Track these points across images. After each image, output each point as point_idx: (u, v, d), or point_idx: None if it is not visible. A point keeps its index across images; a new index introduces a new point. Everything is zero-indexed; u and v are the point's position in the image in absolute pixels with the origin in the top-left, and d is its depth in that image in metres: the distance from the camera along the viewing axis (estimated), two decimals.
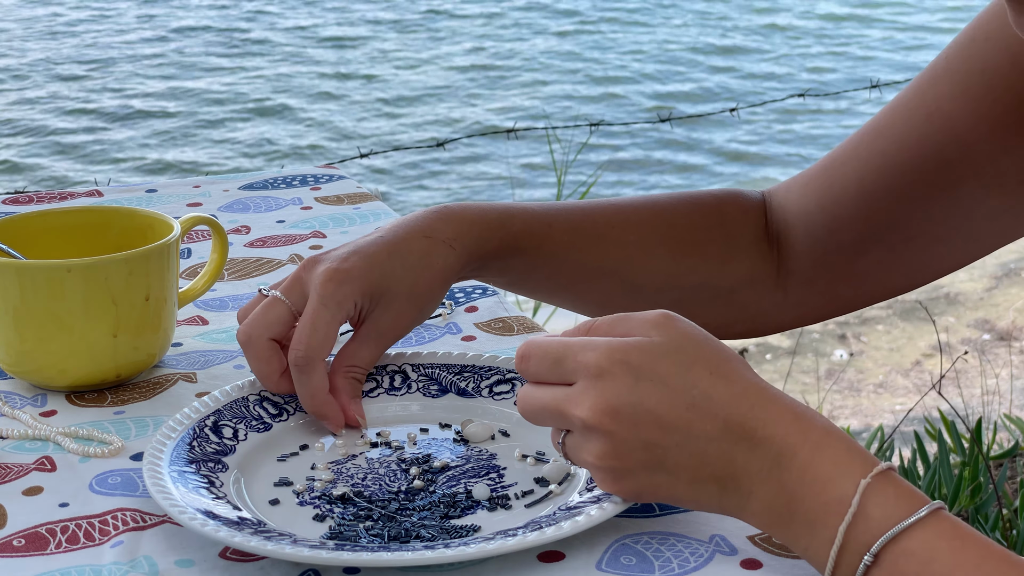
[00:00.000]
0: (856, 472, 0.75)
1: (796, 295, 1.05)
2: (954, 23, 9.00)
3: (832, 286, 1.05)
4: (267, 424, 0.98)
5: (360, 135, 6.67)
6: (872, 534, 0.74)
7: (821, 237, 1.03)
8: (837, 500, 0.75)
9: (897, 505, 0.74)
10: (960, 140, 0.97)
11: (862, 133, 1.03)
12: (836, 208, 1.03)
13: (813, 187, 1.05)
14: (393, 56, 8.18)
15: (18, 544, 0.85)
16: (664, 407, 0.79)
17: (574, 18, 9.08)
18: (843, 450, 0.76)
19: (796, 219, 1.04)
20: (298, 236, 1.38)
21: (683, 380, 0.79)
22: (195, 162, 6.25)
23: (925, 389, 3.42)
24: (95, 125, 6.75)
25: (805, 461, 0.77)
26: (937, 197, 0.99)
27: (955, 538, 0.73)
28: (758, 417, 0.78)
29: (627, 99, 7.32)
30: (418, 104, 7.26)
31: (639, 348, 0.80)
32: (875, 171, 1.01)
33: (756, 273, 1.05)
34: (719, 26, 8.86)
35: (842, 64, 8.05)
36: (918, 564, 0.73)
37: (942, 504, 0.75)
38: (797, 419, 0.78)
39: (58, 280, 1.02)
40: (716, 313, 1.05)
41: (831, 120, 6.98)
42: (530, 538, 0.81)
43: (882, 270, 1.03)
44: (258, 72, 7.75)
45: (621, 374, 0.79)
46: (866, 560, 0.74)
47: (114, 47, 8.18)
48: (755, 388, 0.79)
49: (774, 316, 1.06)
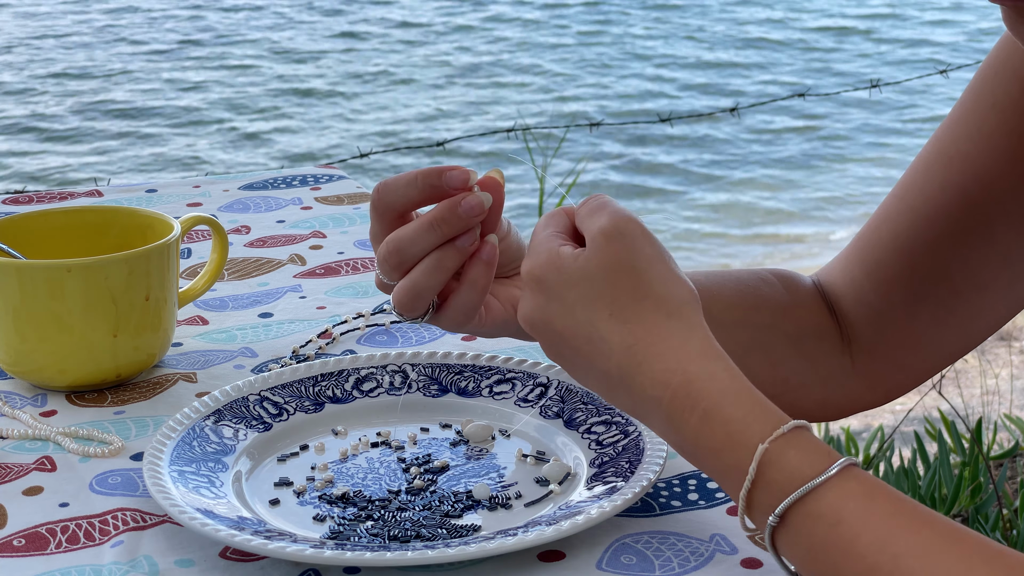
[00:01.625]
0: (754, 438, 0.74)
1: (861, 364, 1.05)
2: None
3: (893, 353, 1.04)
4: (267, 424, 0.98)
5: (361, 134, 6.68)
6: (775, 496, 0.73)
7: (872, 303, 1.03)
8: (734, 467, 0.74)
9: (800, 467, 0.73)
10: (981, 179, 0.98)
11: (892, 193, 1.04)
12: (880, 271, 1.03)
13: (854, 256, 1.05)
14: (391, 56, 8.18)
15: (18, 544, 0.85)
16: (568, 333, 0.80)
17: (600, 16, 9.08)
18: (738, 417, 0.75)
19: (845, 289, 1.05)
20: (298, 236, 1.38)
21: (585, 314, 0.80)
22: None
23: (925, 389, 3.42)
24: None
25: (696, 429, 0.76)
26: (972, 243, 0.99)
27: (863, 497, 0.71)
28: (645, 374, 0.78)
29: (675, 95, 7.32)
30: (418, 103, 7.26)
31: (557, 270, 0.81)
32: (908, 227, 1.01)
33: (821, 325, 1.05)
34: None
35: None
36: (825, 526, 0.71)
37: (853, 461, 0.73)
38: (687, 383, 0.76)
39: (58, 280, 1.02)
40: (789, 364, 1.04)
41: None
42: (530, 538, 0.81)
43: (937, 328, 1.03)
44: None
45: (537, 292, 0.82)
46: (771, 522, 0.73)
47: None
48: (649, 341, 0.78)
49: (845, 386, 1.05)
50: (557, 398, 0.99)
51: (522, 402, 1.00)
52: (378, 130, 6.81)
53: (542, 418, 0.98)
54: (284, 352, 1.13)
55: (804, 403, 1.06)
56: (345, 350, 1.13)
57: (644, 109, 7.14)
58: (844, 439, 2.90)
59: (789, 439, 0.74)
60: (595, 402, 0.98)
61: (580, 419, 0.97)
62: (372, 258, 1.32)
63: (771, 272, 1.06)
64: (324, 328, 1.16)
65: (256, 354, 1.12)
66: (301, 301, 1.23)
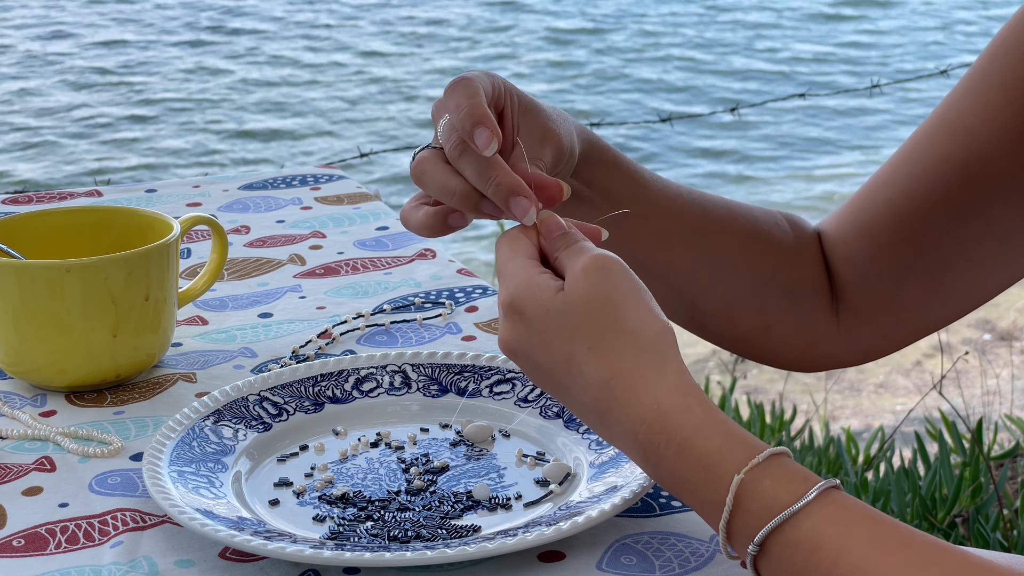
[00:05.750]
0: (730, 469, 0.75)
1: (845, 325, 1.05)
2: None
3: (877, 318, 1.04)
4: (267, 424, 0.98)
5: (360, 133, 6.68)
6: (753, 528, 0.74)
7: (862, 265, 1.03)
8: (711, 502, 0.75)
9: (777, 495, 0.73)
10: (983, 155, 0.97)
11: (892, 159, 1.04)
12: (872, 234, 1.02)
13: (849, 214, 1.05)
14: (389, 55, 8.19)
15: (18, 544, 0.85)
16: (548, 365, 0.81)
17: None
18: (713, 450, 0.76)
19: (837, 248, 1.05)
20: (298, 236, 1.38)
21: (563, 347, 0.80)
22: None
23: (926, 389, 3.42)
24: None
25: (672, 464, 0.77)
26: (967, 218, 0.99)
27: (841, 523, 0.72)
28: (622, 410, 0.78)
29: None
30: (416, 102, 7.27)
31: (536, 302, 0.81)
32: (904, 195, 1.01)
33: (817, 281, 1.05)
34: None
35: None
36: (804, 553, 0.72)
37: (832, 484, 0.74)
38: (662, 418, 0.77)
39: (58, 280, 1.02)
40: (781, 315, 1.04)
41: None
42: (530, 538, 0.81)
43: (924, 299, 1.03)
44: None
45: (518, 322, 0.82)
46: (751, 551, 0.74)
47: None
48: (625, 375, 0.78)
49: (827, 344, 1.06)
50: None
51: (522, 402, 1.00)
52: (377, 129, 6.82)
53: (542, 418, 0.98)
54: (284, 352, 1.12)
55: (782, 352, 1.06)
56: (345, 350, 1.13)
57: (647, 108, 7.14)
58: (844, 439, 2.90)
59: (765, 468, 0.74)
60: None
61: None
62: (372, 258, 1.32)
63: (784, 216, 1.06)
64: (324, 328, 1.16)
65: (256, 354, 1.12)
66: (301, 301, 1.23)
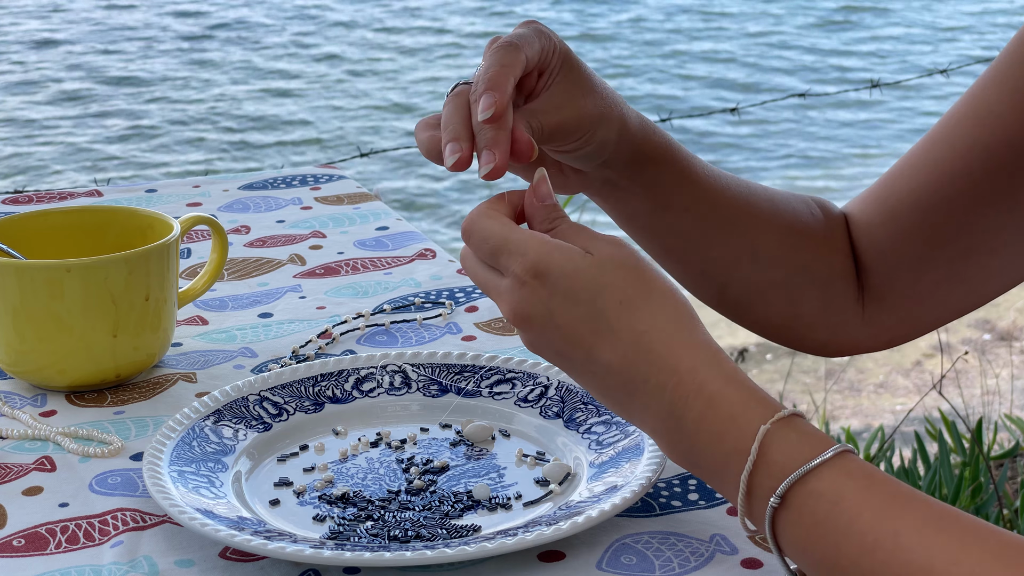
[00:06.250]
0: (755, 421, 0.75)
1: (869, 311, 1.05)
2: None
3: (900, 304, 1.04)
4: (267, 424, 0.98)
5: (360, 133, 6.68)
6: (776, 478, 0.74)
7: (885, 250, 1.03)
8: (736, 451, 0.75)
9: (801, 449, 0.74)
10: (1011, 143, 0.97)
11: (917, 145, 1.03)
12: (895, 220, 1.02)
13: (873, 200, 1.04)
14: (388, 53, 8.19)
15: (18, 544, 0.85)
16: (572, 326, 0.80)
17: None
18: (740, 401, 0.76)
19: (861, 233, 1.05)
20: (298, 236, 1.38)
21: (592, 305, 0.80)
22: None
23: (925, 389, 3.42)
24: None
25: (700, 414, 0.77)
26: (992, 205, 0.99)
27: (863, 478, 0.73)
28: (653, 363, 0.78)
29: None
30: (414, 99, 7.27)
31: (562, 261, 0.80)
32: (929, 181, 1.01)
33: (847, 270, 1.05)
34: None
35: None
36: (827, 504, 0.72)
37: (850, 447, 0.75)
38: (693, 370, 0.78)
39: (58, 280, 1.02)
40: (812, 304, 1.04)
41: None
42: (530, 538, 0.81)
43: (945, 286, 1.03)
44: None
45: (539, 286, 0.80)
46: (772, 503, 0.74)
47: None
48: (659, 329, 0.79)
49: (851, 330, 1.06)
50: (557, 398, 0.99)
51: (522, 402, 1.00)
52: (375, 127, 6.82)
53: (542, 418, 0.98)
54: (284, 352, 1.13)
55: (809, 338, 1.06)
56: (345, 350, 1.13)
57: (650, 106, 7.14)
58: (844, 439, 2.90)
59: (789, 422, 0.75)
60: (595, 402, 0.98)
61: (580, 419, 0.97)
62: (372, 258, 1.32)
63: (815, 201, 1.06)
64: (324, 328, 1.16)
65: (256, 354, 1.12)
66: (301, 301, 1.23)
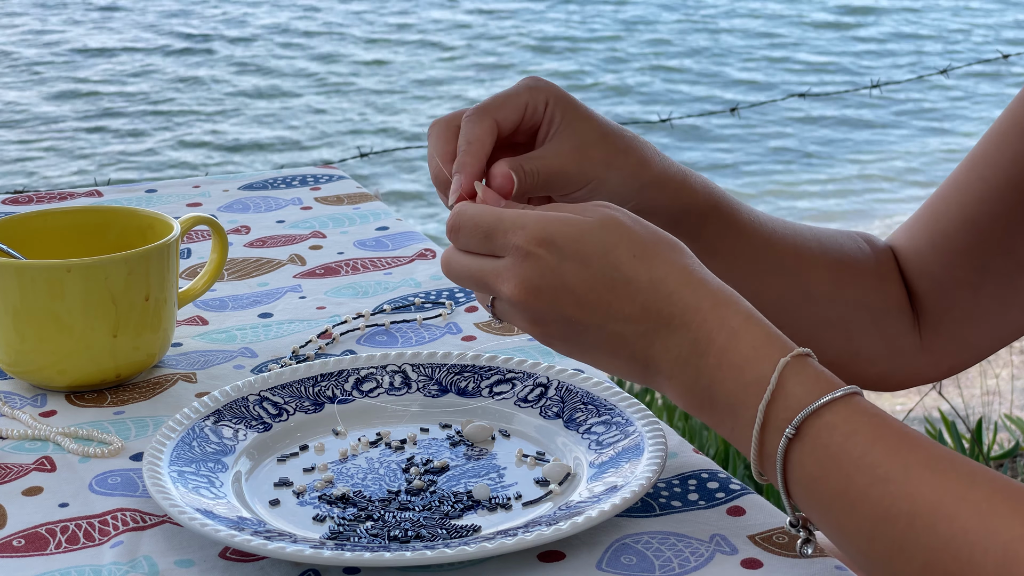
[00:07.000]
0: (775, 354, 0.77)
1: (927, 339, 1.05)
2: None
3: (957, 329, 1.04)
4: (267, 424, 0.98)
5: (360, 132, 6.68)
6: (792, 410, 0.76)
7: (937, 275, 1.03)
8: (756, 381, 0.77)
9: (817, 383, 0.76)
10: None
11: (962, 164, 1.03)
12: (946, 243, 1.02)
13: (920, 226, 1.04)
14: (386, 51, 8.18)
15: (18, 544, 0.85)
16: (585, 287, 0.80)
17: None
18: (762, 335, 0.78)
19: (911, 261, 1.04)
20: (298, 236, 1.38)
21: (605, 262, 0.80)
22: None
23: (925, 389, 3.42)
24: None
25: (722, 346, 0.78)
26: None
27: (875, 415, 0.75)
28: (676, 303, 0.79)
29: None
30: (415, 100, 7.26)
31: (565, 227, 0.81)
32: (977, 199, 1.00)
33: (901, 300, 1.04)
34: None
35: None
36: (841, 436, 0.74)
37: (860, 390, 0.76)
38: (716, 306, 0.79)
39: (58, 280, 1.02)
40: (870, 339, 1.04)
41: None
42: (530, 538, 0.81)
43: (1001, 305, 1.02)
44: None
45: (546, 254, 0.81)
46: (788, 433, 0.75)
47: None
48: (677, 273, 0.80)
49: (911, 360, 1.06)
50: (557, 398, 0.99)
51: (522, 402, 1.00)
52: (378, 127, 6.82)
53: (542, 418, 0.98)
54: (284, 352, 1.13)
55: (867, 374, 1.07)
56: (345, 350, 1.13)
57: (648, 109, 7.14)
58: None
59: (803, 360, 0.77)
60: (595, 402, 0.98)
61: (580, 419, 0.97)
62: (372, 258, 1.32)
63: (861, 236, 1.07)
64: (324, 328, 1.16)
65: (256, 354, 1.12)
66: (301, 301, 1.23)
